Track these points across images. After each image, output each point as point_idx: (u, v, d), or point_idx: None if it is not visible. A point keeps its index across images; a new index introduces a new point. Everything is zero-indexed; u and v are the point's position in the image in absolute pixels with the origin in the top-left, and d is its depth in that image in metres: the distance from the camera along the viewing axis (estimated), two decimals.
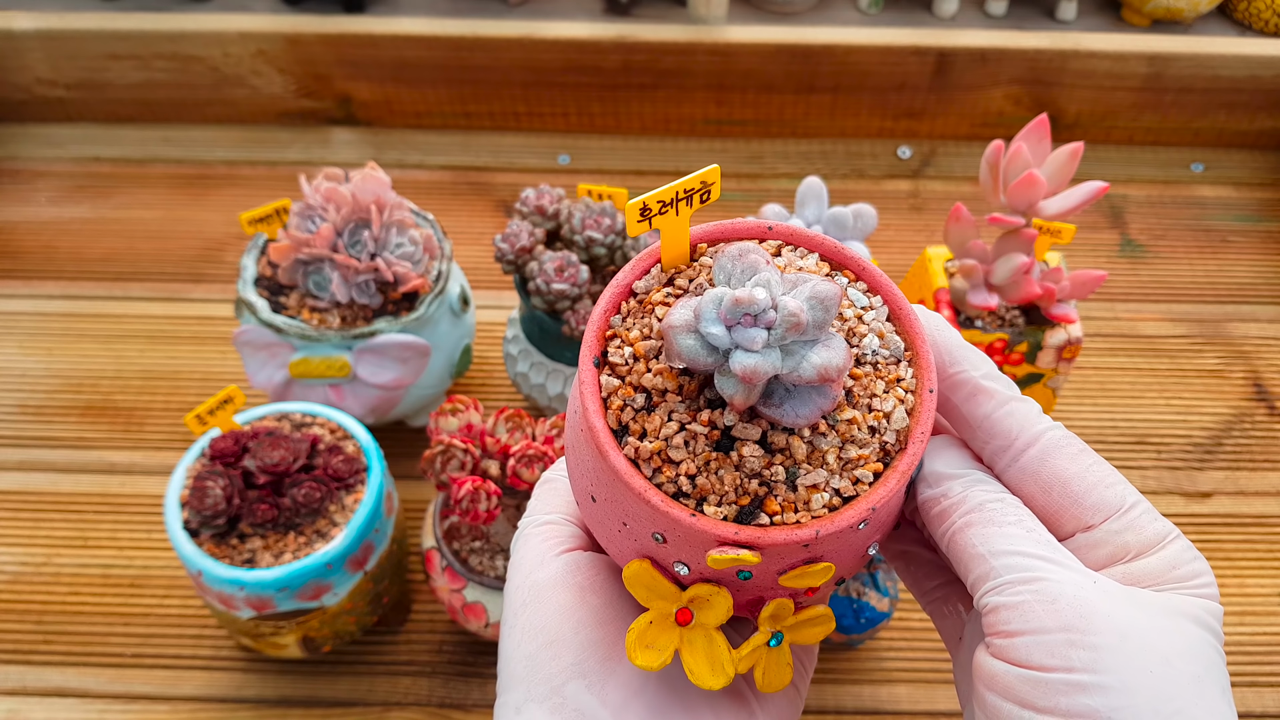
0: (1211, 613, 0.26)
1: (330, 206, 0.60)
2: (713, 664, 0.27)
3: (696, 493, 0.25)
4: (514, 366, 0.67)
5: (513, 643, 0.30)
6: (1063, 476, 0.27)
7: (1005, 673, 0.25)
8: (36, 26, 0.88)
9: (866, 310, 0.28)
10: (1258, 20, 0.95)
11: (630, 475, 0.25)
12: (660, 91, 0.91)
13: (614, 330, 0.27)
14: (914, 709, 0.58)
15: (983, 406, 0.28)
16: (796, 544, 0.25)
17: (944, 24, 0.95)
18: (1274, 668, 0.60)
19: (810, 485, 0.25)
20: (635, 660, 0.27)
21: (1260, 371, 0.77)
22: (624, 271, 0.28)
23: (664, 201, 0.27)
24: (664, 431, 0.25)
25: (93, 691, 0.58)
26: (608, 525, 0.29)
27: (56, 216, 0.87)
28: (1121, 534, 0.27)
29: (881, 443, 0.26)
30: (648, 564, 0.28)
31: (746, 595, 0.28)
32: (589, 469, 0.28)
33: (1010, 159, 0.59)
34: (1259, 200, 0.92)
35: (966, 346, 0.29)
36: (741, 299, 0.24)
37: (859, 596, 0.56)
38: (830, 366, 0.24)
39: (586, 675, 0.29)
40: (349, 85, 0.91)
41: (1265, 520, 0.68)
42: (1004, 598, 0.25)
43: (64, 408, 0.72)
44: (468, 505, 0.52)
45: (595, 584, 0.30)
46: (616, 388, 0.26)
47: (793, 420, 0.25)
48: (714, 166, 0.28)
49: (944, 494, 0.28)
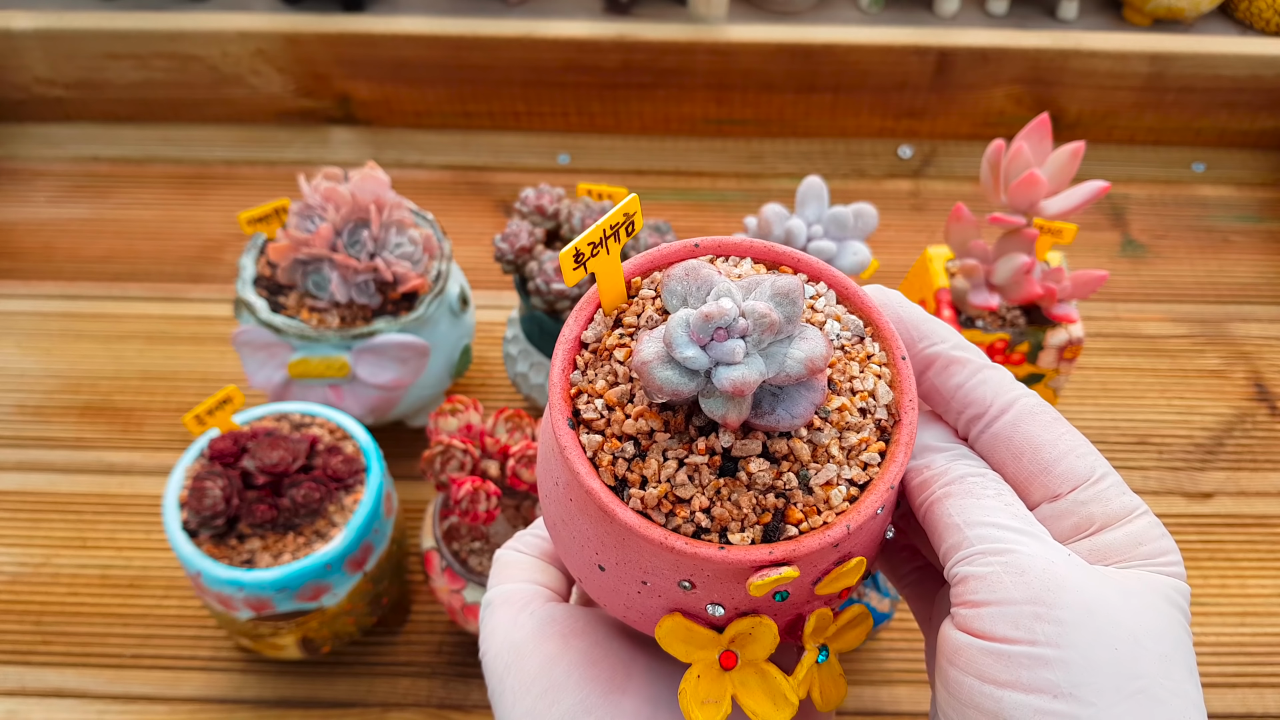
0: (1180, 591, 0.25)
1: (329, 206, 0.60)
2: (774, 698, 0.27)
3: (716, 525, 0.24)
4: (514, 366, 0.67)
5: (506, 705, 0.29)
6: (1034, 443, 0.27)
7: (969, 645, 0.24)
8: (35, 26, 0.88)
9: (816, 299, 0.28)
10: (1259, 20, 0.95)
11: (646, 528, 0.24)
12: (660, 91, 0.91)
13: (578, 387, 0.26)
14: (914, 709, 0.58)
15: (955, 377, 0.28)
16: (829, 546, 0.24)
17: (945, 23, 0.95)
18: (1274, 668, 0.60)
19: (824, 483, 0.25)
20: (693, 718, 0.26)
21: (1261, 372, 0.77)
22: (567, 327, 0.27)
23: (594, 243, 0.26)
24: (664, 473, 0.24)
25: (91, 692, 0.58)
26: (623, 591, 0.27)
27: (55, 216, 0.87)
28: (1087, 505, 0.26)
29: (876, 421, 0.26)
30: (679, 617, 0.26)
31: (785, 617, 0.27)
32: (590, 538, 0.27)
33: (1011, 158, 0.59)
34: (1260, 200, 0.92)
35: (931, 320, 0.29)
36: (711, 314, 0.24)
37: (859, 597, 0.56)
38: (816, 357, 0.24)
39: (592, 712, 0.28)
40: (348, 85, 0.91)
41: (1266, 520, 0.67)
42: (973, 568, 0.25)
43: (62, 408, 0.72)
44: (467, 506, 0.52)
45: (576, 630, 0.30)
46: (600, 444, 0.25)
47: (789, 423, 0.24)
48: (633, 196, 0.27)
49: (927, 465, 0.27)
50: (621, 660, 0.29)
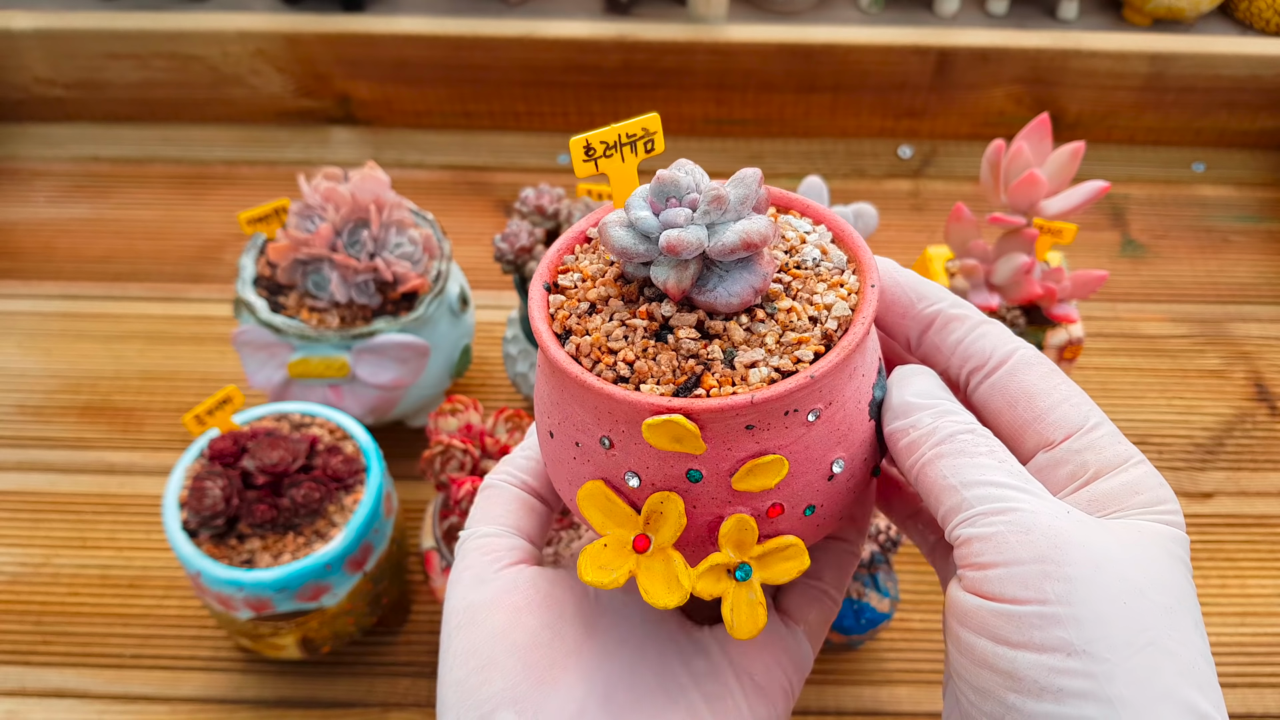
0: (1179, 542, 0.25)
1: (329, 206, 0.60)
2: (669, 583, 0.27)
3: (635, 377, 0.26)
4: (513, 367, 0.67)
5: (446, 666, 0.29)
6: (1030, 391, 0.27)
7: (978, 608, 0.24)
8: (35, 26, 0.88)
9: (809, 234, 0.29)
10: (1259, 20, 0.95)
11: (568, 364, 0.26)
12: (660, 91, 0.91)
13: (566, 265, 0.29)
14: (914, 710, 0.58)
15: (955, 333, 0.29)
16: (731, 413, 0.25)
17: (945, 23, 0.95)
18: (1274, 668, 0.60)
19: (748, 363, 0.25)
20: (585, 577, 0.27)
21: (1262, 372, 0.77)
22: (582, 220, 0.30)
23: (607, 143, 0.28)
24: (605, 328, 0.26)
25: (92, 692, 0.58)
26: (564, 460, 0.29)
27: (55, 216, 0.87)
28: (1081, 453, 0.26)
29: (824, 331, 0.26)
30: (600, 483, 0.27)
31: (703, 512, 0.27)
32: (544, 398, 0.29)
33: (1011, 158, 0.59)
34: (1260, 200, 0.92)
35: (927, 282, 0.29)
36: (664, 178, 0.26)
37: (859, 597, 0.56)
38: (752, 232, 0.25)
39: (518, 702, 0.27)
40: (348, 85, 0.91)
41: (1267, 521, 0.67)
42: (976, 529, 0.25)
43: (62, 408, 0.72)
44: (467, 506, 0.52)
45: (533, 603, 0.29)
46: (563, 303, 0.28)
47: (726, 301, 0.26)
48: (653, 114, 0.28)
49: (913, 425, 0.27)
50: (567, 645, 0.29)
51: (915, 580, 0.63)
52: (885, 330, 0.30)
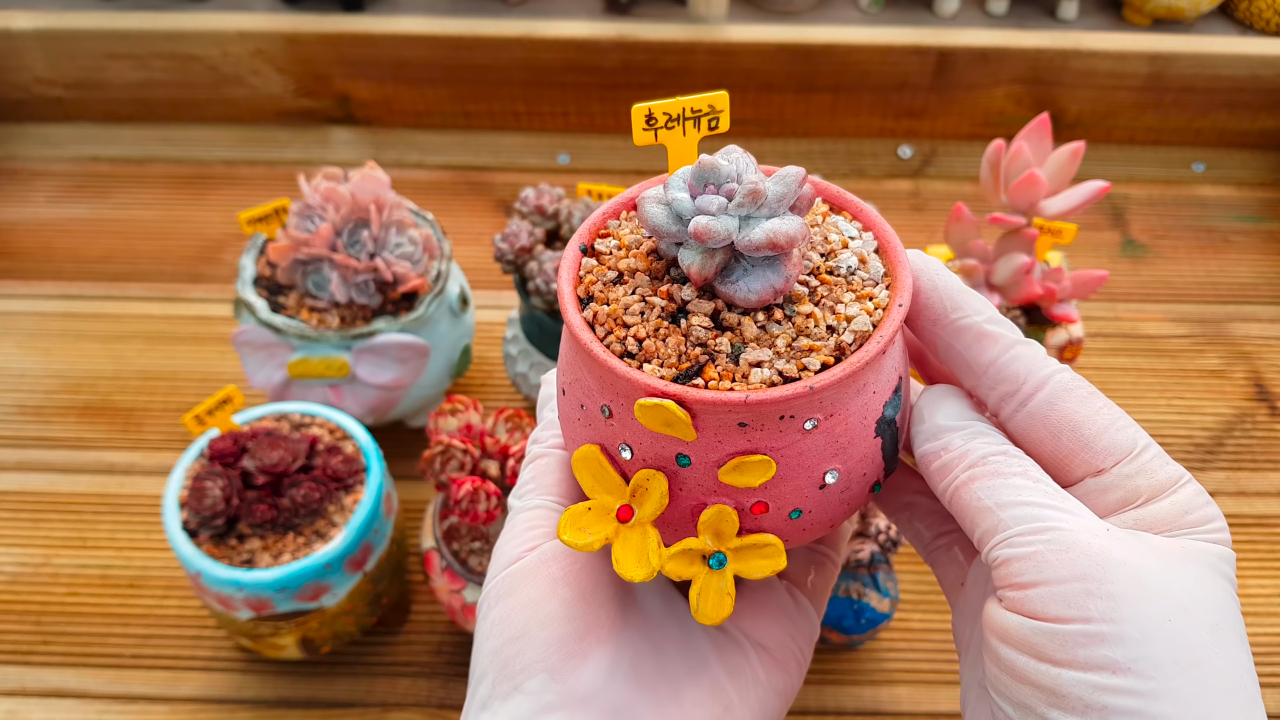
0: (1225, 559, 0.25)
1: (329, 206, 0.60)
2: (640, 558, 0.27)
3: (642, 355, 0.26)
4: (513, 367, 0.67)
5: (482, 635, 0.30)
6: (1073, 420, 0.26)
7: (1020, 626, 0.24)
8: (35, 26, 0.88)
9: (853, 239, 0.28)
10: (1259, 20, 0.95)
11: (580, 329, 0.26)
12: (660, 91, 0.91)
13: (609, 231, 0.29)
14: (915, 710, 0.58)
15: (988, 351, 0.27)
16: (725, 409, 0.25)
17: (945, 23, 0.95)
18: (1275, 668, 0.60)
19: (753, 361, 0.25)
20: (561, 536, 0.27)
21: (1262, 372, 0.77)
22: (639, 185, 0.30)
23: (670, 115, 0.27)
24: (624, 301, 0.26)
25: (91, 692, 0.58)
26: (572, 419, 0.29)
27: (54, 216, 0.87)
28: (1133, 478, 0.26)
29: (839, 342, 0.26)
30: (597, 449, 0.28)
31: (688, 497, 0.27)
32: (563, 355, 0.29)
33: (1011, 158, 0.59)
34: (1260, 200, 0.92)
35: (968, 291, 0.28)
36: (705, 163, 0.26)
37: (859, 597, 0.56)
38: (780, 232, 0.25)
39: (552, 672, 0.28)
40: (348, 85, 0.91)
41: (1267, 521, 0.67)
42: (1015, 549, 0.24)
43: (62, 408, 0.72)
44: (467, 506, 0.52)
45: (570, 575, 0.30)
46: (593, 268, 0.28)
47: (744, 296, 0.25)
48: (722, 92, 0.28)
49: (945, 447, 0.27)
50: (599, 617, 0.29)
51: (915, 580, 0.63)
52: (915, 332, 0.30)
